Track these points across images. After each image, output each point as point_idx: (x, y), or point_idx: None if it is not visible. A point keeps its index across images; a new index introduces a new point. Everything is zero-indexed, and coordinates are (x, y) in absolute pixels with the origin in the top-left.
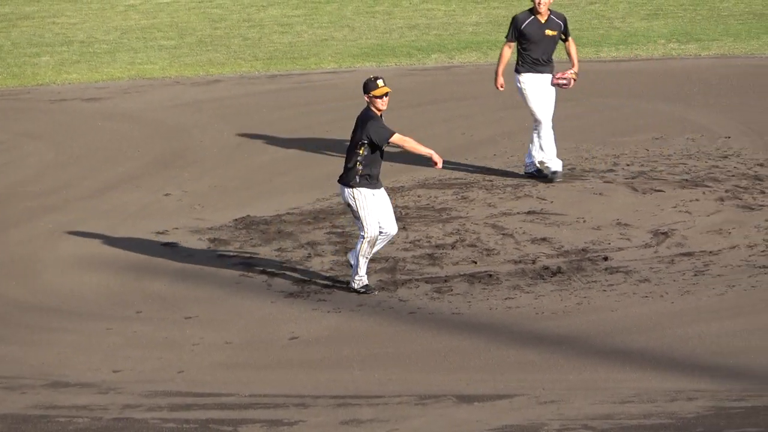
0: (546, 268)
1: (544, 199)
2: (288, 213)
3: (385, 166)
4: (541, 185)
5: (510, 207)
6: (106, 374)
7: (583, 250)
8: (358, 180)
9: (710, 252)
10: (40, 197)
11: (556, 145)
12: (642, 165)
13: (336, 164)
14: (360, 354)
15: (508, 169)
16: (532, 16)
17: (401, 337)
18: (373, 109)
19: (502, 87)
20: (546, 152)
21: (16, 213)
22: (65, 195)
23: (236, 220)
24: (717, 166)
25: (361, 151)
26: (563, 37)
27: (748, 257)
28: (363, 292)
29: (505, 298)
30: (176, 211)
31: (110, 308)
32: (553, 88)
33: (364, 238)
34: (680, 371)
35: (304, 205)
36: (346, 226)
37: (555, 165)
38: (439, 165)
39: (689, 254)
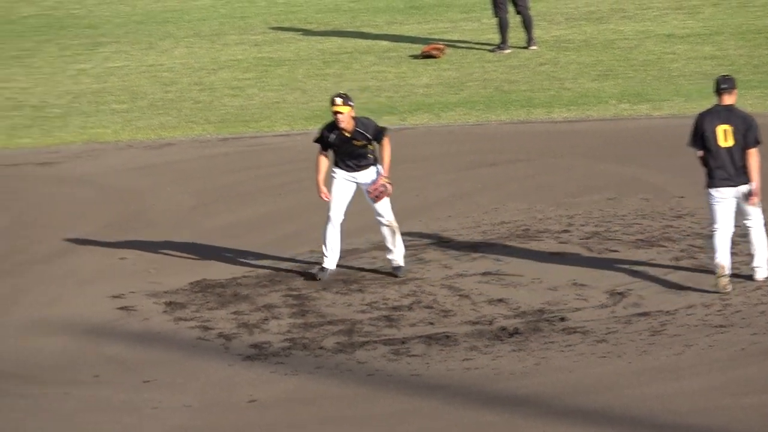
0: (503, 328)
1: (499, 260)
2: (244, 276)
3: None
4: (497, 246)
5: (466, 268)
6: None
7: (539, 310)
8: None
9: (667, 312)
10: None
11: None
12: (596, 225)
13: (292, 226)
14: (318, 417)
15: (462, 230)
16: (337, 130)
17: (359, 400)
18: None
19: (326, 197)
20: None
21: None
22: (19, 259)
23: (192, 283)
24: (671, 226)
25: None
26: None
27: (705, 317)
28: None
29: (463, 359)
30: (132, 275)
31: (67, 372)
32: (354, 187)
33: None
34: (639, 431)
35: (260, 268)
36: (302, 288)
37: (329, 262)
38: None
39: (646, 314)
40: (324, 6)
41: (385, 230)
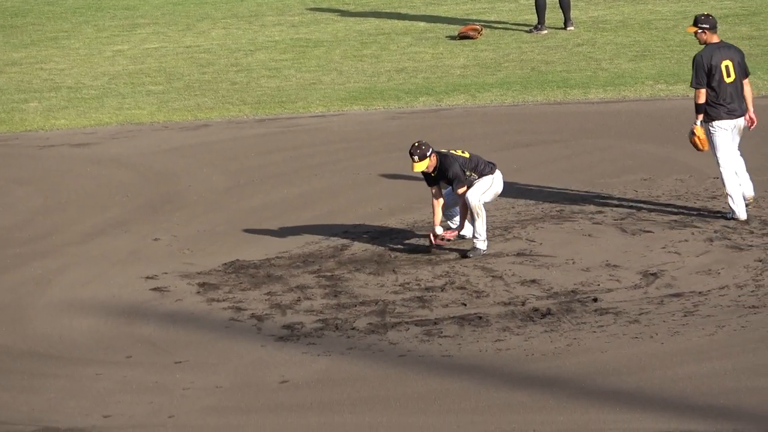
0: (536, 309)
1: (533, 241)
2: (277, 257)
3: (374, 208)
4: (530, 227)
5: (499, 249)
6: (97, 419)
7: (572, 291)
8: None
9: (699, 293)
10: (28, 243)
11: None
12: (631, 206)
13: (326, 207)
14: (350, 397)
15: (496, 211)
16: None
17: (391, 380)
18: None
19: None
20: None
21: (5, 259)
22: (54, 240)
23: (225, 264)
24: (706, 207)
25: None
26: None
27: (738, 297)
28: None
29: (495, 340)
30: (165, 256)
31: (100, 353)
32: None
33: None
34: (671, 412)
35: (293, 248)
36: (335, 269)
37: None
38: None
39: (679, 295)
40: None
41: (468, 212)
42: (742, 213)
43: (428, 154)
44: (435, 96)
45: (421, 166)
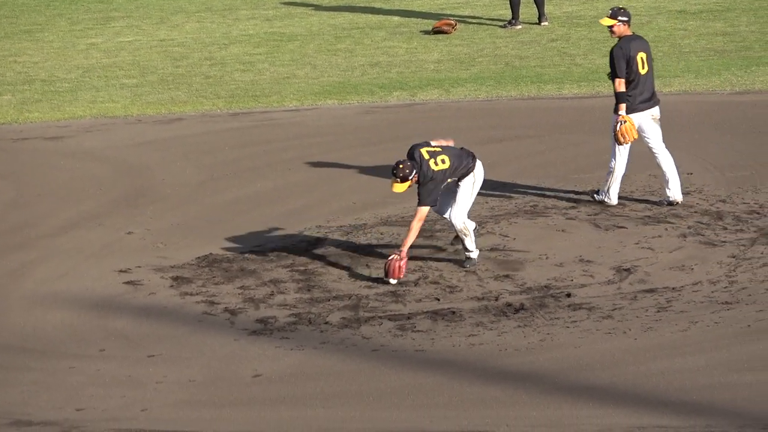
0: (509, 304)
1: (506, 236)
2: (251, 251)
3: (348, 202)
4: (503, 222)
5: None
6: (70, 413)
7: (545, 286)
8: None
9: (673, 288)
10: (1, 236)
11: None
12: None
13: (300, 201)
14: (323, 392)
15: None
16: None
17: (364, 375)
18: None
19: None
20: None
21: None
22: (27, 234)
23: (199, 258)
24: (678, 203)
25: None
26: None
27: (711, 293)
28: None
29: (468, 335)
30: (139, 250)
31: (73, 346)
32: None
33: None
34: (643, 407)
35: (267, 242)
36: (309, 263)
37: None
38: None
39: (652, 291)
40: None
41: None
42: (614, 197)
43: (410, 177)
44: (409, 90)
45: (400, 188)
